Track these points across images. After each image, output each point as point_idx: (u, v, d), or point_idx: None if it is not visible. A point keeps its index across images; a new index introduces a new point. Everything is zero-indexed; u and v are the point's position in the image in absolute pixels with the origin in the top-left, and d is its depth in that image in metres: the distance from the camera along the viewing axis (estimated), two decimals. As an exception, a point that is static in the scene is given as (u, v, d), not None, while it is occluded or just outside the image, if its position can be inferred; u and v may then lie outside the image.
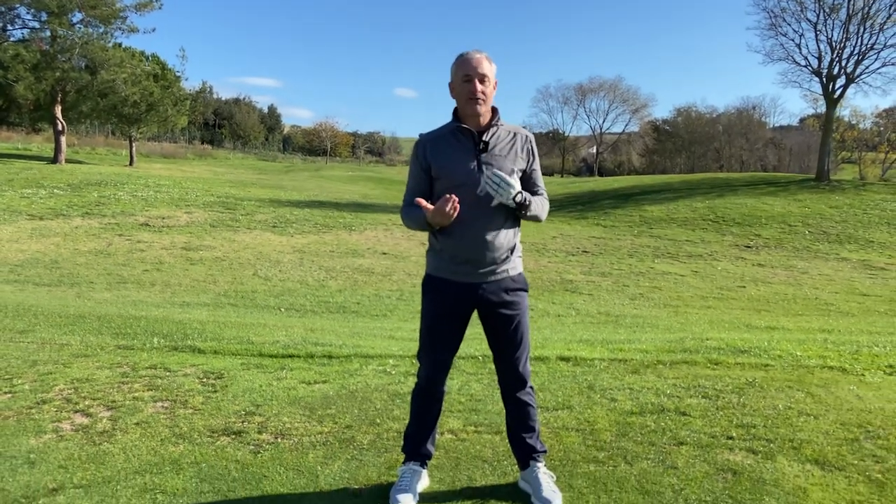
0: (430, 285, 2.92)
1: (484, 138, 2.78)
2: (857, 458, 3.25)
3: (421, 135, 2.91)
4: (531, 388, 3.01)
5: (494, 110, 2.83)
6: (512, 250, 2.87)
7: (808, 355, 5.37)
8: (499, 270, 2.83)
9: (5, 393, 4.38)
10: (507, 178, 2.68)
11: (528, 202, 2.76)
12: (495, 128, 2.81)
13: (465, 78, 2.73)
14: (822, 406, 3.99)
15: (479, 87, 2.72)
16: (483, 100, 2.73)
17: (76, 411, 4.02)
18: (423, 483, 3.01)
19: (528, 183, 2.91)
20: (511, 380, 2.96)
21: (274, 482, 3.07)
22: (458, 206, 2.64)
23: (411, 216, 2.82)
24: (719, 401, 4.10)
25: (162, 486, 3.04)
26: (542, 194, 2.94)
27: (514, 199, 2.70)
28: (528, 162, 2.89)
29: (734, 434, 3.55)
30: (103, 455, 3.38)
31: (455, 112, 2.84)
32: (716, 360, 5.16)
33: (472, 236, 2.77)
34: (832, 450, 3.34)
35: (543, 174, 3.10)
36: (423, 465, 3.03)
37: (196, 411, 4.01)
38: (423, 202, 2.70)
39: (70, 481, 3.09)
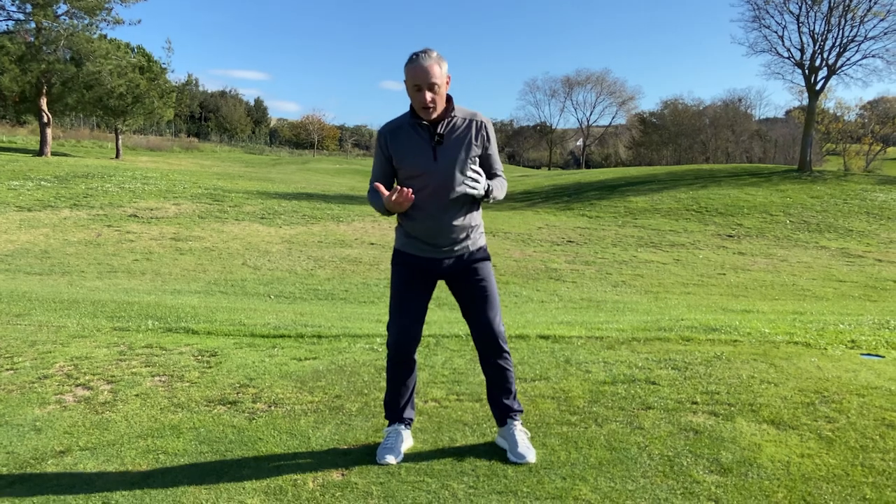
0: (398, 258, 3.19)
1: (439, 130, 2.99)
2: (811, 419, 3.51)
3: (383, 125, 3.13)
4: (507, 353, 3.22)
5: (449, 99, 3.01)
6: (471, 231, 3.12)
7: (776, 332, 5.64)
8: (458, 248, 3.10)
9: (7, 370, 4.57)
10: (479, 178, 2.95)
11: (491, 190, 3.02)
12: (450, 118, 3.01)
13: (415, 88, 2.89)
14: (783, 375, 4.25)
15: (428, 96, 2.88)
16: (433, 108, 2.92)
17: (77, 385, 4.22)
18: (408, 444, 3.24)
19: (485, 165, 3.12)
20: (487, 342, 3.15)
21: (268, 444, 3.29)
22: (413, 196, 2.89)
23: (373, 200, 3.07)
24: (687, 371, 4.35)
25: (163, 447, 3.25)
26: (500, 176, 3.17)
27: (484, 192, 2.98)
28: (483, 147, 3.06)
29: (698, 399, 3.80)
30: (106, 422, 3.59)
31: (412, 107, 3.02)
32: (688, 336, 5.42)
33: (430, 222, 3.03)
34: (788, 412, 3.60)
35: (531, 167, 3.39)
36: (407, 426, 3.26)
37: (193, 384, 4.22)
38: (382, 188, 2.96)
39: (76, 444, 3.30)
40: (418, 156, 3.00)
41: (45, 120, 32.58)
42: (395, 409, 3.26)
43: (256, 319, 6.85)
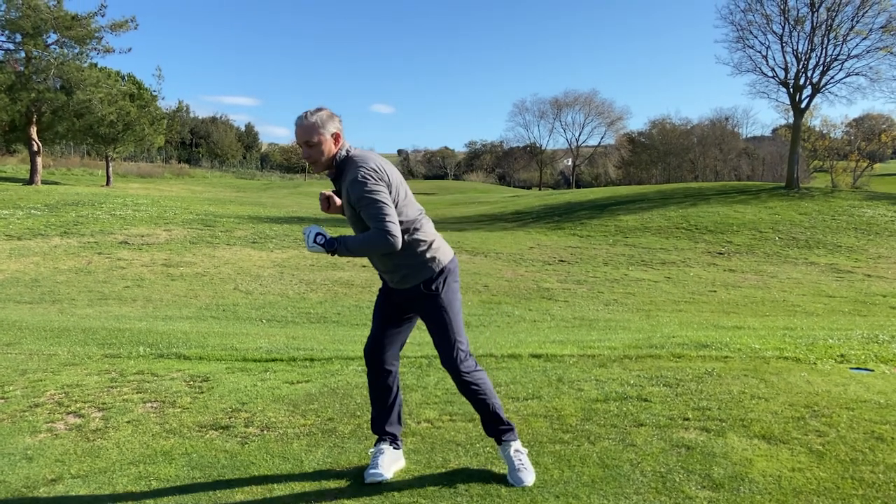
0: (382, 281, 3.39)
1: (336, 186, 3.17)
2: (801, 433, 3.53)
3: None
4: (469, 382, 3.14)
5: (332, 162, 3.07)
6: (407, 270, 3.11)
7: (766, 348, 5.68)
8: (392, 280, 3.20)
9: (-2, 399, 4.54)
10: (312, 234, 3.02)
11: (337, 247, 2.96)
12: (343, 173, 3.07)
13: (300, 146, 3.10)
14: (773, 390, 4.27)
15: (307, 152, 3.04)
16: (313, 162, 3.07)
17: (69, 413, 4.21)
18: (399, 464, 3.24)
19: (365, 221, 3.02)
20: (446, 369, 3.18)
21: (261, 468, 3.28)
22: (329, 203, 3.22)
23: None
24: (679, 388, 4.38)
25: (156, 474, 3.24)
26: (372, 228, 2.94)
27: (311, 250, 3.01)
28: (355, 203, 2.97)
29: (690, 416, 3.82)
30: (98, 449, 3.57)
31: None
32: (679, 353, 5.44)
33: (372, 260, 3.20)
34: (779, 427, 3.62)
35: (522, 187, 3.43)
36: (394, 445, 3.27)
37: (184, 410, 4.21)
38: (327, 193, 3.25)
39: (68, 472, 3.29)
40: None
41: (35, 148, 32.54)
42: (378, 423, 3.29)
43: (248, 344, 6.83)
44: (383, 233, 2.89)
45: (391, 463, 3.19)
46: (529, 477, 3.05)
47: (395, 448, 3.26)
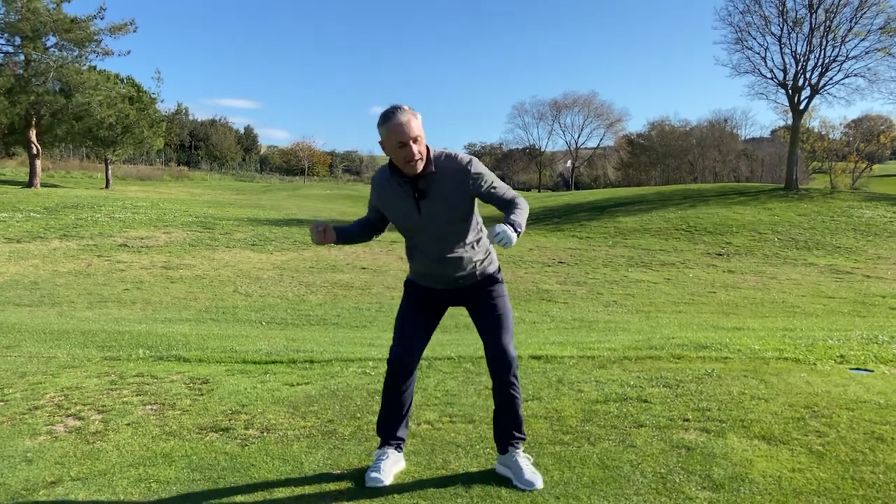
0: (408, 285, 3.30)
1: (420, 186, 2.98)
2: (801, 434, 3.53)
3: (375, 173, 3.18)
4: (517, 379, 3.17)
5: (427, 154, 2.95)
6: (478, 263, 3.12)
7: (766, 349, 5.68)
8: (463, 281, 3.13)
9: (-3, 401, 4.54)
10: (508, 232, 2.73)
11: (521, 229, 2.82)
12: (431, 172, 2.96)
13: (399, 145, 2.85)
14: (773, 391, 4.28)
15: (414, 149, 2.85)
16: (420, 158, 2.88)
17: (68, 415, 4.20)
18: (400, 466, 3.23)
19: (493, 200, 3.04)
20: (495, 362, 3.10)
21: (261, 470, 3.28)
22: (324, 237, 3.08)
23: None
24: (679, 389, 4.38)
25: (155, 476, 3.24)
26: (512, 198, 3.00)
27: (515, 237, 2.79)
28: (474, 189, 2.97)
29: (690, 417, 3.82)
30: (97, 452, 3.57)
31: (391, 163, 3.01)
32: (679, 354, 5.45)
33: (432, 264, 3.09)
34: (779, 427, 3.62)
35: (522, 189, 3.41)
36: (398, 448, 3.26)
37: (184, 412, 4.20)
38: (322, 226, 3.09)
39: (67, 475, 3.28)
40: (403, 211, 3.05)
41: (35, 151, 32.55)
42: (388, 428, 3.26)
43: (248, 346, 6.83)
44: (519, 196, 3.03)
45: (392, 466, 3.18)
46: (539, 480, 3.03)
47: (398, 451, 3.26)
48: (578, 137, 75.59)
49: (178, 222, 23.00)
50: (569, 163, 77.09)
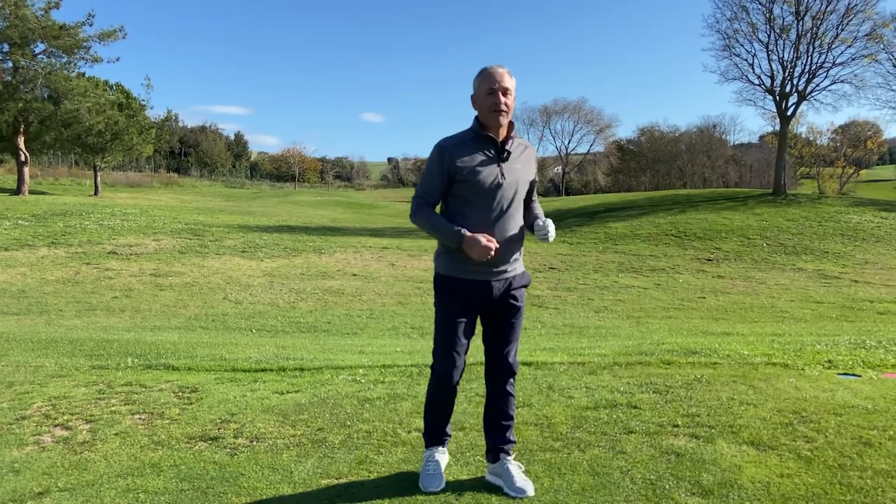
0: (444, 284, 3.09)
1: (507, 147, 3.03)
2: (790, 439, 3.55)
3: (442, 140, 3.06)
4: (513, 384, 3.25)
5: (511, 124, 3.05)
6: (521, 251, 3.20)
7: (755, 354, 5.71)
8: (509, 269, 3.11)
9: (-16, 411, 4.50)
10: (552, 226, 3.14)
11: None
12: (513, 139, 3.06)
13: (488, 91, 2.95)
14: (762, 396, 4.30)
15: (502, 98, 2.94)
16: (506, 111, 2.97)
17: (56, 425, 4.17)
18: (446, 460, 3.29)
19: (531, 192, 3.23)
20: (503, 369, 3.16)
21: (251, 479, 3.26)
22: (496, 254, 2.94)
23: (436, 226, 3.00)
24: (668, 395, 4.39)
25: (144, 486, 3.22)
26: (536, 200, 3.34)
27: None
28: (534, 174, 3.19)
29: (679, 422, 3.83)
30: (85, 462, 3.54)
31: (478, 121, 3.04)
32: (668, 360, 5.47)
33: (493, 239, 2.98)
34: (767, 433, 3.64)
35: None
36: (444, 444, 3.31)
37: (173, 421, 4.18)
38: (480, 238, 2.89)
39: (55, 485, 3.25)
40: (486, 172, 2.97)
41: (23, 158, 32.36)
42: (439, 433, 3.28)
43: (238, 354, 6.80)
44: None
45: (443, 465, 3.25)
46: (530, 488, 3.03)
47: (444, 447, 3.33)
48: (569, 143, 75.97)
49: (167, 229, 22.90)
50: (559, 168, 77.32)
